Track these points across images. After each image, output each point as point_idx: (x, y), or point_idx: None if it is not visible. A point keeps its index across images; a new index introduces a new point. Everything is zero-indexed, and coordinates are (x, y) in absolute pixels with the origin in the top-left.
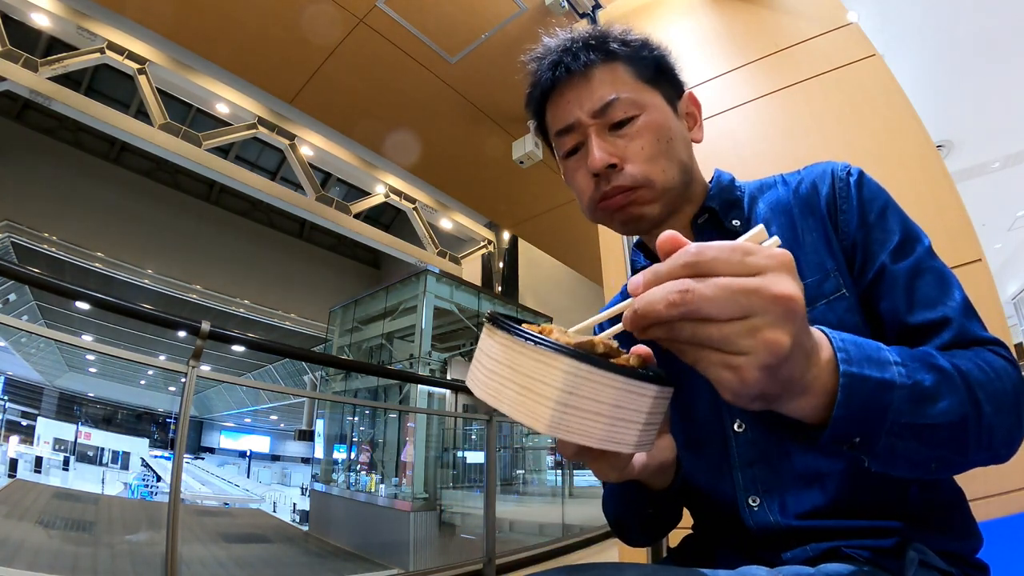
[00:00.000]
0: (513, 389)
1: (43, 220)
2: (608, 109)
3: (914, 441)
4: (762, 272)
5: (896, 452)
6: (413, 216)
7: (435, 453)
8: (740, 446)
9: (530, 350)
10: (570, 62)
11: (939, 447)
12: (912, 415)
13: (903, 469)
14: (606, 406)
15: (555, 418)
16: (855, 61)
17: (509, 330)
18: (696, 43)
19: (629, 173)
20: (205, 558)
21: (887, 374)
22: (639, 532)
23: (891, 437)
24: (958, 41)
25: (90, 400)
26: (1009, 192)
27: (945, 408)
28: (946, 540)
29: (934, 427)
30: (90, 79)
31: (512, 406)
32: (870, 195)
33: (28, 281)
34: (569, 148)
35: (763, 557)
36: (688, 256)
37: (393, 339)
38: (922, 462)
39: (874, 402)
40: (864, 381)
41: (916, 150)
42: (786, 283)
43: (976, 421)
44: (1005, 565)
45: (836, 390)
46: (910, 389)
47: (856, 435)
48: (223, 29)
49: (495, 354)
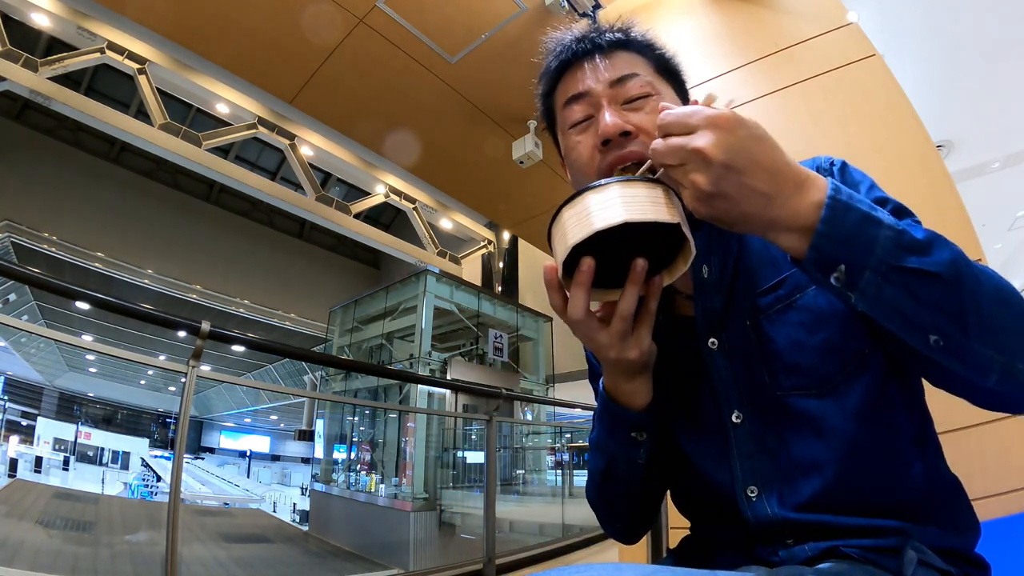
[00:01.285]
0: (646, 201)
1: (43, 220)
2: (625, 81)
3: (904, 290)
4: (693, 131)
5: (884, 296)
6: (413, 216)
7: (435, 453)
8: (738, 437)
9: (646, 183)
10: (595, 37)
11: (934, 310)
12: (899, 258)
13: (896, 322)
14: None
15: (680, 215)
16: (855, 61)
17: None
18: (696, 43)
19: (643, 142)
20: (205, 558)
21: (876, 213)
22: (624, 490)
23: (878, 276)
24: (958, 41)
25: (90, 400)
26: (1009, 192)
27: (934, 262)
28: (945, 534)
29: (925, 276)
30: (90, 79)
31: (655, 209)
32: (852, 180)
33: (28, 281)
34: (578, 118)
35: (762, 557)
36: (659, 120)
37: (393, 339)
38: (917, 323)
39: (859, 231)
40: (849, 210)
41: (916, 150)
42: (704, 138)
43: (968, 293)
44: (1005, 565)
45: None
46: (899, 233)
47: (841, 262)
48: (223, 29)
49: (612, 194)
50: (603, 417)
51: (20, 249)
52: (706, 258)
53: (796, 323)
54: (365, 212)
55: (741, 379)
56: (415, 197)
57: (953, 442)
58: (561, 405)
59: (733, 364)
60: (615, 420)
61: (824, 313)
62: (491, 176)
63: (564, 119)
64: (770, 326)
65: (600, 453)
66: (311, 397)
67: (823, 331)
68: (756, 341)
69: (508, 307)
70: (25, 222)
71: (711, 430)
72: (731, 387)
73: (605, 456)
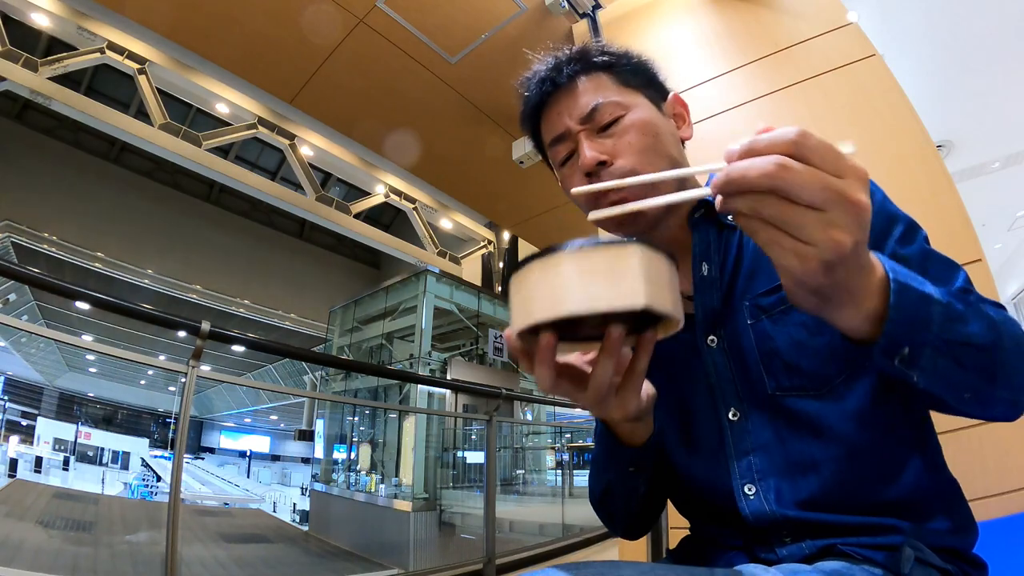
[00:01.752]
0: (602, 285)
1: (43, 220)
2: (594, 114)
3: (952, 359)
4: (846, 176)
5: (938, 368)
6: (413, 216)
7: (435, 453)
8: (735, 435)
9: (605, 249)
10: (556, 76)
11: (972, 370)
12: (950, 332)
13: (943, 388)
14: (667, 272)
15: (648, 290)
16: (855, 61)
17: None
18: (696, 43)
19: (619, 167)
20: (205, 558)
21: (928, 289)
22: (623, 506)
23: (934, 351)
24: (958, 41)
25: (90, 400)
26: (1009, 192)
27: (975, 331)
28: (943, 535)
29: (967, 346)
30: (90, 79)
31: (610, 298)
32: None
33: (28, 281)
34: (563, 157)
35: (760, 555)
36: (794, 135)
37: (393, 339)
38: (958, 384)
39: (920, 312)
40: (911, 292)
41: (916, 150)
42: (863, 193)
43: (999, 352)
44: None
45: (886, 302)
46: (947, 307)
47: (905, 344)
48: (223, 29)
49: (564, 272)
50: (602, 441)
51: (20, 249)
52: (706, 256)
53: (798, 324)
54: (365, 212)
55: (739, 377)
56: (415, 197)
57: (953, 442)
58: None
59: (731, 362)
60: (612, 452)
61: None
62: (491, 176)
63: (553, 157)
64: (772, 326)
65: (599, 474)
66: (311, 397)
67: (825, 334)
68: (756, 340)
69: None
70: (25, 222)
71: (708, 428)
72: (728, 385)
73: (603, 480)
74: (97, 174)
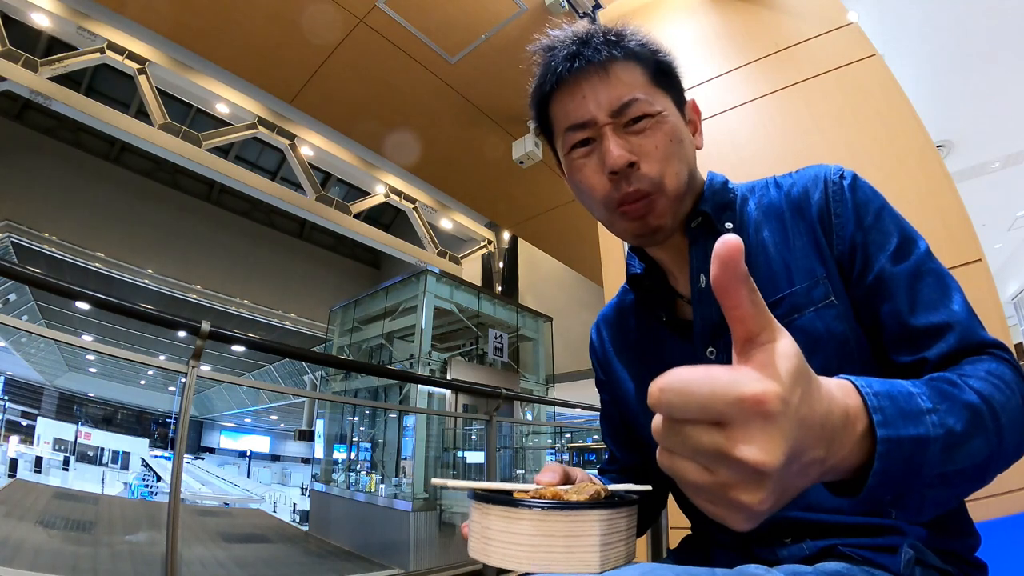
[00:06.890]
0: (558, 551)
1: (43, 220)
2: (626, 109)
3: (943, 487)
4: (727, 422)
5: (926, 501)
6: (413, 216)
7: (435, 453)
8: None
9: (564, 516)
10: (590, 55)
11: (963, 484)
12: (943, 465)
13: (929, 513)
14: (623, 532)
15: (602, 557)
16: (855, 61)
17: (541, 507)
18: (696, 43)
19: (645, 173)
20: (205, 558)
21: (922, 429)
22: None
23: (923, 489)
24: (958, 41)
25: (90, 400)
26: (1009, 192)
27: (974, 450)
28: (944, 539)
29: (963, 471)
30: (90, 79)
31: (565, 564)
32: (865, 198)
33: (28, 281)
34: (578, 141)
35: (761, 556)
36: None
37: (393, 339)
38: (947, 501)
39: (911, 463)
40: (901, 444)
41: (916, 150)
42: (747, 443)
43: (999, 450)
44: (1004, 565)
45: (871, 454)
46: (943, 440)
47: (891, 495)
48: (223, 29)
49: (523, 529)
50: None
51: (20, 249)
52: (704, 268)
53: (797, 337)
54: (365, 212)
55: None
56: (415, 197)
57: None
58: (561, 405)
59: None
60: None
61: (821, 337)
62: (491, 176)
63: (565, 140)
64: None
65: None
66: (311, 397)
67: (819, 354)
68: None
69: (508, 307)
70: (25, 222)
71: None
72: None
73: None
74: (97, 174)
